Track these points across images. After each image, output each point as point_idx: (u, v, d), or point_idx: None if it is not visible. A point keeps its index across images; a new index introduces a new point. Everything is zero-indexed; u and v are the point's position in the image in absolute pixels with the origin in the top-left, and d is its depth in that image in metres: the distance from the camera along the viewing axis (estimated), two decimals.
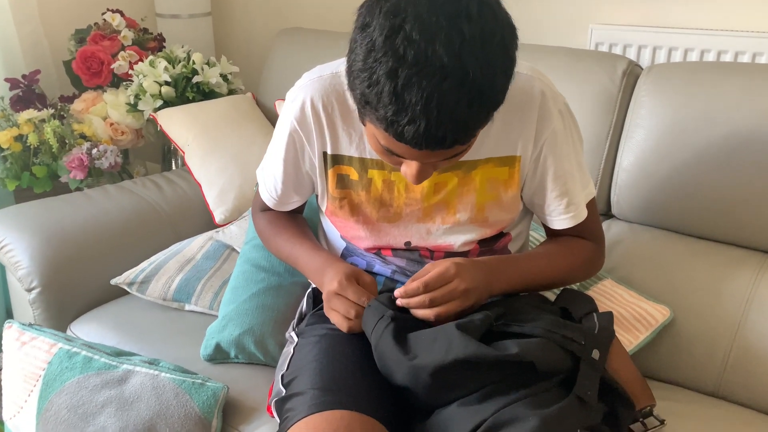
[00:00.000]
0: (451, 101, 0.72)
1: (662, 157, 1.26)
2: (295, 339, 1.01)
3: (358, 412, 0.83)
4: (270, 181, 1.07)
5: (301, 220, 1.14)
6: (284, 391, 0.92)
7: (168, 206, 1.61)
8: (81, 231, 1.45)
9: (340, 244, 1.08)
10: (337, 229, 1.06)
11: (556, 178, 0.98)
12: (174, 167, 1.96)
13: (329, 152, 0.99)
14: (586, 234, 1.05)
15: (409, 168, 0.83)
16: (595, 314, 0.95)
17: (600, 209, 1.37)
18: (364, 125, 0.83)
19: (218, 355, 1.19)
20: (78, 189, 1.74)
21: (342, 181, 1.00)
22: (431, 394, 0.85)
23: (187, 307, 1.34)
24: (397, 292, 0.90)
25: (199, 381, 1.09)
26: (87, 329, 1.35)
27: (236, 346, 1.17)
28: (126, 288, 1.36)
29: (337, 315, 0.93)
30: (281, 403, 0.90)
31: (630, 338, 1.14)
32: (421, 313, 0.88)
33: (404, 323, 0.88)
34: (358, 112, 0.81)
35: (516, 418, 0.79)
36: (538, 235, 1.30)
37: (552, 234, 1.08)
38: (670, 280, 1.23)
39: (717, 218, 1.23)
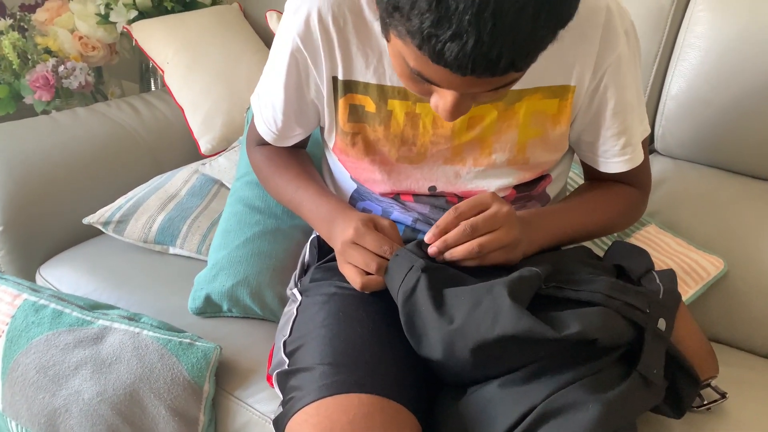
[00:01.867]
0: (512, 10, 0.54)
1: (719, 82, 1.09)
2: (299, 297, 0.86)
3: (377, 395, 0.68)
4: (268, 112, 0.89)
5: (304, 158, 0.97)
6: (287, 361, 0.78)
7: (147, 133, 1.43)
8: (47, 160, 1.27)
9: (350, 186, 0.91)
10: (346, 169, 0.89)
11: (616, 113, 0.81)
12: (153, 87, 1.76)
13: (340, 77, 0.81)
14: (632, 178, 0.90)
15: (442, 100, 0.66)
16: (655, 273, 0.80)
17: None
18: (388, 41, 0.65)
19: (209, 309, 1.04)
20: (45, 112, 1.55)
21: (355, 113, 0.82)
22: (467, 369, 0.71)
23: (172, 251, 1.18)
24: (429, 233, 0.74)
25: (188, 340, 0.95)
26: (59, 274, 1.19)
27: (229, 299, 1.02)
28: (101, 228, 1.20)
29: (353, 269, 0.77)
30: (284, 378, 0.76)
31: None
32: (461, 249, 0.73)
33: (439, 275, 0.72)
34: (381, 22, 0.63)
35: (572, 404, 0.65)
36: (572, 173, 1.14)
37: (592, 176, 0.92)
38: (721, 225, 1.08)
39: None
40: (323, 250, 0.93)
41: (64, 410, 0.95)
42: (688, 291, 1.02)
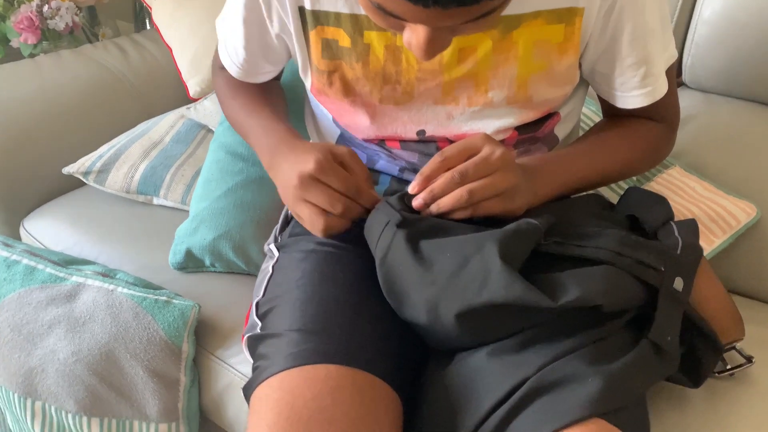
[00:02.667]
0: None
1: (758, 2, 0.95)
2: (276, 254, 0.78)
3: (349, 366, 0.61)
4: (231, 42, 0.79)
5: (271, 86, 0.86)
6: (259, 324, 0.71)
7: (134, 76, 1.35)
8: (26, 107, 1.20)
9: (334, 131, 0.82)
10: (328, 112, 0.80)
11: (634, 39, 0.69)
12: (148, 27, 1.66)
13: (307, 7, 0.70)
14: (655, 113, 0.78)
15: (415, 35, 0.56)
16: (674, 224, 0.70)
17: None
18: None
19: (190, 263, 0.98)
20: (33, 56, 1.46)
21: (329, 49, 0.72)
22: (453, 335, 0.63)
23: (156, 201, 1.11)
24: (413, 183, 0.65)
25: (164, 298, 0.89)
26: (42, 226, 1.14)
27: (211, 253, 0.96)
28: (81, 178, 1.13)
29: (313, 209, 0.66)
30: (254, 343, 0.69)
31: (704, 243, 0.90)
32: (449, 198, 0.63)
33: (419, 228, 0.63)
34: None
35: (570, 376, 0.57)
36: (587, 111, 1.02)
37: (611, 112, 0.81)
38: (755, 167, 0.97)
39: None
40: None
41: (40, 370, 0.90)
42: (714, 241, 0.92)
